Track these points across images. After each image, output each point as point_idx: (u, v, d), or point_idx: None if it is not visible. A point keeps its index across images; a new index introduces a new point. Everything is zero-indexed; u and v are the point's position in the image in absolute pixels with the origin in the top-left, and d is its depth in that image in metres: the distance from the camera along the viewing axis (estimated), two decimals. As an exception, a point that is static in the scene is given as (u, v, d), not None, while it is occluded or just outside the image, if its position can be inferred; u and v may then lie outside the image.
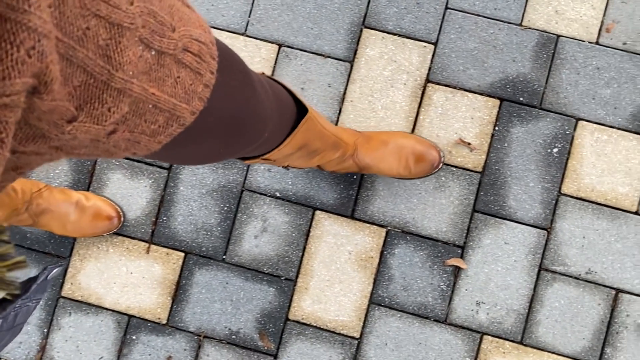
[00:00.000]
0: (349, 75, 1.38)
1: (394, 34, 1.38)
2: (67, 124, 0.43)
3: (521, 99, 1.35)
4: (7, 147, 0.36)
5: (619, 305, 1.32)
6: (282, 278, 1.37)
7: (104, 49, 0.42)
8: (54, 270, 0.57)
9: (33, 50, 0.34)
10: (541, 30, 1.36)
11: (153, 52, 0.48)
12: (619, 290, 1.32)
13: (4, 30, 0.32)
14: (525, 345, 1.33)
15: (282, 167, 1.12)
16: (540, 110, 1.35)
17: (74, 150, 0.48)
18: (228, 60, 0.64)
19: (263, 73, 0.90)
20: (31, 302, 0.53)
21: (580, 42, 1.35)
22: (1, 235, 0.35)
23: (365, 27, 1.38)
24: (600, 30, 1.35)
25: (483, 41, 1.36)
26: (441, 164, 1.30)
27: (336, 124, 1.38)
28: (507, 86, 1.35)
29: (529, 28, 1.36)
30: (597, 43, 1.35)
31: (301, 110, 0.94)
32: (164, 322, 1.38)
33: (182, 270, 1.38)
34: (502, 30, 1.36)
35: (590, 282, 1.32)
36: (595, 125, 1.34)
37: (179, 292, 1.39)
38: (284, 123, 0.87)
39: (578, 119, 1.34)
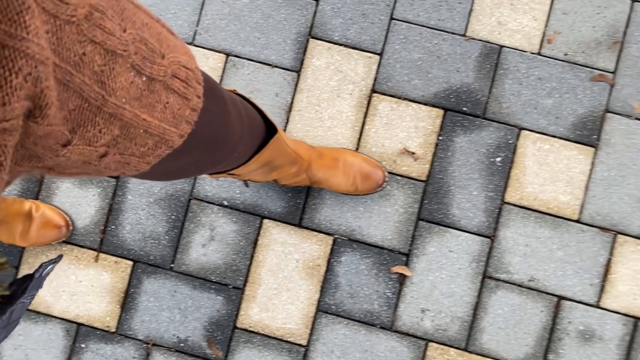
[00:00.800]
0: (296, 85, 1.39)
1: (340, 45, 1.39)
2: (62, 148, 0.44)
3: (465, 108, 1.37)
4: (5, 170, 0.37)
5: (561, 312, 1.34)
6: (230, 286, 1.38)
7: (99, 74, 0.44)
8: (49, 267, 0.58)
9: (29, 76, 0.35)
10: (484, 41, 1.38)
11: (144, 78, 0.49)
12: (561, 298, 1.34)
13: (2, 57, 0.34)
14: (470, 352, 1.34)
15: (243, 181, 1.13)
16: (483, 120, 1.37)
17: (66, 170, 0.49)
18: (209, 85, 0.66)
19: (234, 90, 0.91)
20: (26, 299, 0.54)
21: (523, 52, 1.37)
22: None
23: (312, 38, 1.40)
24: (542, 41, 1.37)
25: (427, 52, 1.38)
26: (385, 183, 1.33)
27: (283, 134, 1.39)
28: (451, 96, 1.37)
29: (473, 39, 1.38)
30: (539, 54, 1.37)
31: (268, 127, 0.96)
32: (113, 330, 1.39)
33: (130, 278, 1.39)
34: (446, 41, 1.38)
35: (533, 289, 1.34)
36: (537, 135, 1.36)
37: (127, 300, 1.39)
38: (253, 142, 0.89)
39: (521, 129, 1.36)
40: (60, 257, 0.61)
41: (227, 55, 1.41)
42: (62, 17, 0.39)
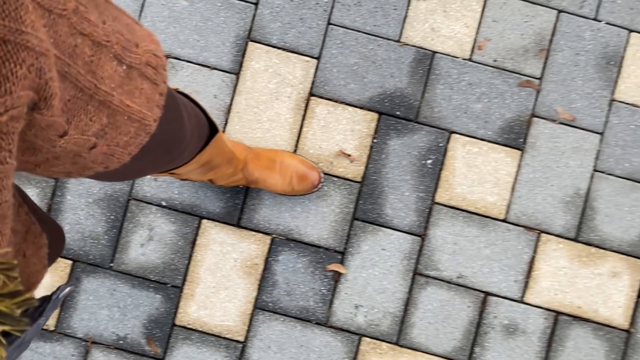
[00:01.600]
0: (235, 87, 1.42)
1: (279, 48, 1.42)
2: (59, 139, 0.46)
3: (398, 112, 1.42)
4: (14, 156, 0.40)
5: (487, 308, 1.40)
6: (169, 285, 1.41)
7: (89, 64, 0.46)
8: (66, 289, 0.60)
9: (32, 67, 0.38)
10: (418, 47, 1.42)
11: (124, 67, 0.52)
12: (487, 294, 1.41)
13: (5, 51, 0.36)
14: (401, 346, 1.40)
15: (181, 180, 1.16)
16: (416, 124, 1.42)
17: (52, 167, 0.51)
18: None
19: (177, 89, 0.94)
20: (42, 320, 0.56)
21: (455, 58, 1.42)
22: (12, 272, 0.37)
23: (251, 41, 1.43)
24: (473, 47, 1.42)
25: (363, 57, 1.42)
26: (320, 184, 1.37)
27: (222, 135, 1.42)
28: (385, 100, 1.42)
29: (407, 44, 1.42)
30: (470, 60, 1.42)
31: (211, 127, 0.99)
32: (52, 328, 1.40)
33: (69, 278, 1.40)
34: (381, 47, 1.42)
35: (461, 285, 1.40)
36: (467, 138, 1.42)
37: (66, 299, 1.41)
38: (199, 140, 0.92)
39: (451, 132, 1.42)
40: (75, 281, 0.63)
41: (166, 57, 1.42)
42: (56, 11, 0.42)
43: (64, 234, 0.87)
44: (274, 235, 1.41)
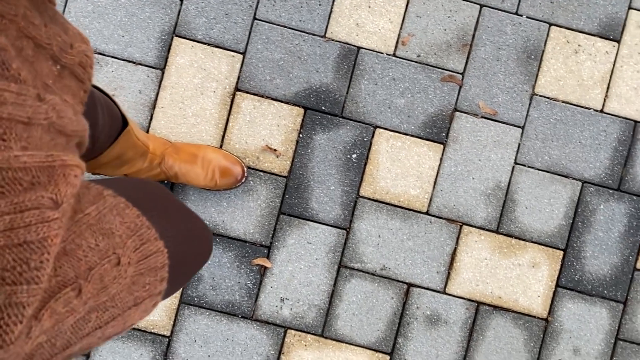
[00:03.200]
0: (160, 83, 1.42)
1: (204, 43, 1.43)
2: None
3: (323, 107, 1.43)
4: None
5: (410, 299, 1.43)
6: (96, 280, 1.41)
7: (32, 64, 0.48)
8: None
9: None
10: (343, 42, 1.44)
11: (58, 67, 0.53)
12: (410, 285, 1.43)
13: None
14: (326, 338, 1.43)
15: (93, 173, 1.16)
16: (341, 119, 1.43)
17: None
18: None
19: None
20: None
21: (379, 54, 1.44)
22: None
23: (176, 36, 1.43)
24: (397, 42, 1.44)
25: (288, 52, 1.43)
26: (244, 178, 1.38)
27: (147, 131, 1.42)
28: (311, 95, 1.43)
29: (332, 40, 1.44)
30: (394, 55, 1.44)
31: (123, 121, 1.00)
32: None
33: None
34: (307, 42, 1.43)
35: (385, 277, 1.43)
36: (390, 133, 1.44)
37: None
38: (112, 133, 0.92)
39: (375, 127, 1.44)
40: None
41: (90, 52, 1.42)
42: (8, 16, 0.45)
43: (208, 244, 0.85)
44: (201, 230, 1.42)
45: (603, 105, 1.44)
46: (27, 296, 0.40)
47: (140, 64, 1.42)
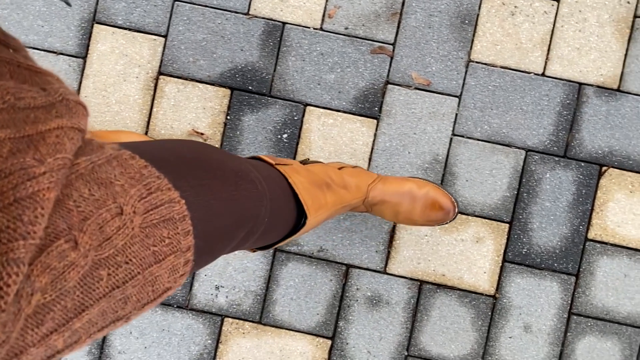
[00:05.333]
0: (82, 71, 1.39)
1: (124, 29, 1.39)
2: None
3: (250, 87, 1.38)
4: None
5: (349, 280, 1.39)
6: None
7: None
8: None
9: None
10: (267, 19, 1.39)
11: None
12: (349, 266, 1.39)
13: None
14: (264, 325, 1.39)
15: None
16: (269, 98, 1.38)
17: None
18: None
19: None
20: None
21: (305, 28, 1.38)
22: None
23: (96, 23, 1.39)
24: (323, 16, 1.38)
25: (211, 32, 1.39)
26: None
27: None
28: (237, 75, 1.38)
29: (256, 17, 1.38)
30: (321, 29, 1.38)
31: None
32: None
33: None
34: (229, 20, 1.38)
35: (323, 259, 1.39)
36: (321, 110, 1.38)
37: None
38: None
39: (306, 105, 1.38)
40: None
41: (9, 44, 1.39)
42: None
43: (253, 210, 0.80)
44: (133, 219, 1.39)
45: (544, 68, 1.37)
46: (25, 252, 0.39)
47: (62, 54, 1.39)
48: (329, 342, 1.39)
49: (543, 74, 1.37)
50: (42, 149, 0.43)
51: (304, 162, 1.18)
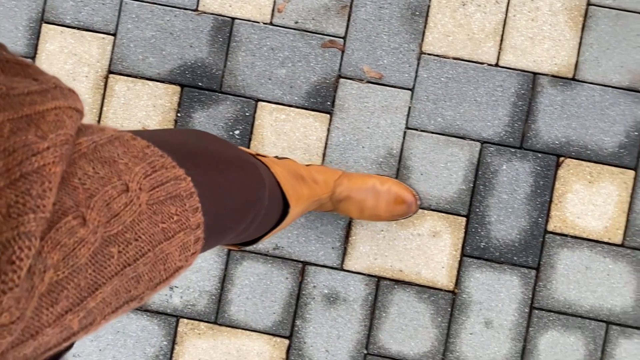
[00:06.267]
0: (31, 72, 1.37)
1: (73, 28, 1.38)
2: None
3: (200, 83, 1.37)
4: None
5: (306, 278, 1.36)
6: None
7: None
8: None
9: None
10: (216, 14, 1.37)
11: None
12: (305, 263, 1.36)
13: None
14: (220, 325, 1.36)
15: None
16: (220, 94, 1.37)
17: None
18: None
19: None
20: None
21: (255, 23, 1.37)
22: None
23: (45, 22, 1.38)
24: (273, 10, 1.37)
25: (160, 29, 1.37)
26: None
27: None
28: (187, 72, 1.37)
29: (205, 13, 1.37)
30: (270, 23, 1.37)
31: None
32: None
33: None
34: (178, 17, 1.37)
35: (278, 257, 1.36)
36: (273, 105, 1.36)
37: None
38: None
39: (257, 100, 1.37)
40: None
41: (-43, 46, 1.38)
42: None
43: (255, 192, 0.82)
44: (85, 221, 1.37)
45: (497, 58, 1.35)
46: (36, 225, 0.39)
47: (10, 54, 1.38)
48: (287, 341, 1.36)
49: (496, 65, 1.35)
50: (43, 127, 0.43)
51: (278, 158, 1.19)
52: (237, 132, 1.36)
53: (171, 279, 0.55)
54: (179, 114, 1.36)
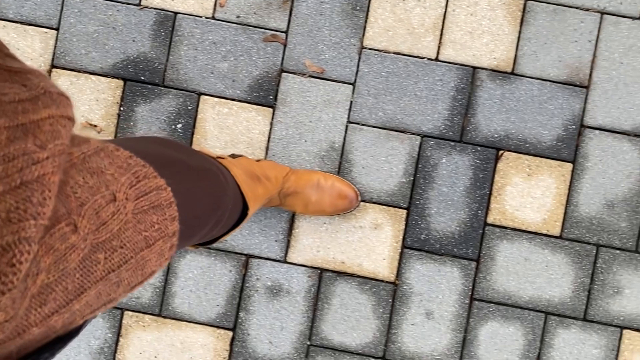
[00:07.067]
0: (-26, 66, 1.37)
1: (16, 22, 1.37)
2: None
3: (143, 77, 1.37)
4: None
5: (249, 270, 1.38)
6: None
7: None
8: (91, 320, 0.60)
9: None
10: (159, 9, 1.37)
11: None
12: (249, 256, 1.38)
13: None
14: (164, 317, 1.38)
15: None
16: (162, 88, 1.37)
17: None
18: None
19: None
20: (58, 350, 0.55)
21: (197, 18, 1.37)
22: None
23: (-13, 16, 1.38)
24: (215, 5, 1.37)
25: (103, 23, 1.37)
26: None
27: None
28: (129, 66, 1.37)
29: (147, 7, 1.37)
30: (213, 18, 1.37)
31: None
32: None
33: None
34: (121, 12, 1.37)
35: (221, 250, 1.37)
36: (216, 99, 1.37)
37: None
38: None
39: (200, 94, 1.37)
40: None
41: None
42: None
43: (221, 197, 0.86)
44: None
45: (437, 53, 1.36)
46: (35, 231, 0.41)
47: (-48, 48, 1.37)
48: (230, 333, 1.38)
49: (436, 59, 1.36)
50: (41, 136, 0.44)
51: (232, 156, 1.21)
52: (179, 125, 1.37)
53: (145, 282, 0.58)
54: (122, 108, 1.37)
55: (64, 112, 0.49)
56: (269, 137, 1.37)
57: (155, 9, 1.37)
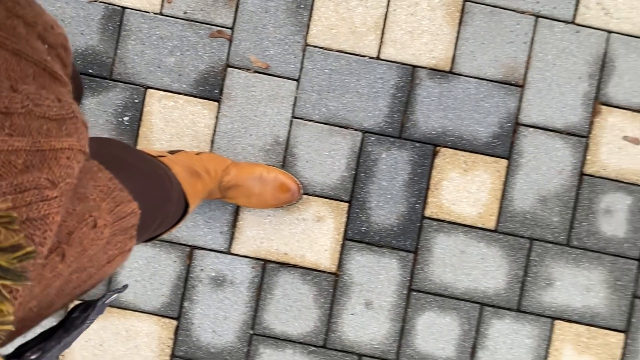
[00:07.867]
0: None
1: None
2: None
3: (91, 70, 1.39)
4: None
5: (194, 261, 1.41)
6: None
7: (28, 42, 0.48)
8: (114, 295, 0.62)
9: None
10: (107, 3, 1.40)
11: (46, 46, 0.53)
12: (193, 247, 1.41)
13: None
14: (110, 306, 1.40)
15: None
16: (110, 81, 1.40)
17: None
18: None
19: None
20: (85, 325, 0.58)
21: (145, 13, 1.40)
22: (12, 225, 0.37)
23: None
24: (162, 1, 1.40)
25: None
26: None
27: None
28: (77, 59, 1.39)
29: (96, 1, 1.39)
30: (160, 13, 1.40)
31: None
32: None
33: None
34: (69, 4, 1.39)
35: (166, 241, 1.40)
36: (162, 93, 1.40)
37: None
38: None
39: (146, 88, 1.40)
40: (125, 286, 0.66)
41: None
42: None
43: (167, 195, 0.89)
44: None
45: (379, 51, 1.41)
46: (33, 270, 0.43)
47: None
48: (175, 322, 1.41)
49: (377, 58, 1.41)
50: (56, 170, 0.45)
51: (170, 152, 1.23)
52: (126, 118, 1.40)
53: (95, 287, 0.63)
54: (69, 101, 1.39)
55: (83, 145, 0.50)
56: (215, 131, 1.40)
57: (103, 3, 1.39)
